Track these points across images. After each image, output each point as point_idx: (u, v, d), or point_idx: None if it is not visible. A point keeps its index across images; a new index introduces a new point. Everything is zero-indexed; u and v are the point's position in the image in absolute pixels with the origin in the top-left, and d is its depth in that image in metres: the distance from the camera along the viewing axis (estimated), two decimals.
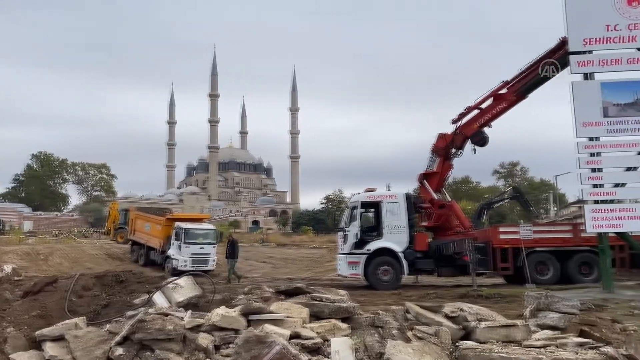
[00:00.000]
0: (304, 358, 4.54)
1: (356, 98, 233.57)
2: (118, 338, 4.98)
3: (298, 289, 6.58)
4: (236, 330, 5.19)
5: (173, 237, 24.86)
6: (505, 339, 5.28)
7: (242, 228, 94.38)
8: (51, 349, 5.18)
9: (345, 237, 17.98)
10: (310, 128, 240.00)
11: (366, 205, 18.51)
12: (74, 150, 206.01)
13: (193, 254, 24.05)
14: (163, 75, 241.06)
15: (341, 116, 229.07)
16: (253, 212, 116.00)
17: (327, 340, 5.03)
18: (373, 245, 17.52)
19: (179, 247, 24.23)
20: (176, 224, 25.27)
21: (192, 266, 23.04)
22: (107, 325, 5.62)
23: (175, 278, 7.09)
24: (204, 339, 5.00)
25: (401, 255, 17.32)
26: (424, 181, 20.13)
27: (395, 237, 17.58)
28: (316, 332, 5.18)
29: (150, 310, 5.54)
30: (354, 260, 17.45)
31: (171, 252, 24.63)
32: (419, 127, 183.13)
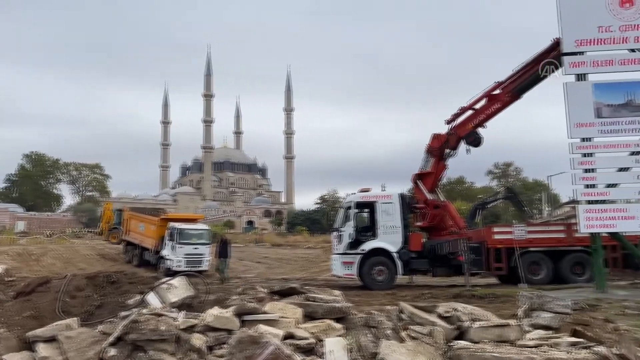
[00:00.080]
0: (298, 358, 4.53)
1: (352, 98, 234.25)
2: (111, 339, 4.95)
3: (292, 289, 6.57)
4: (230, 330, 5.17)
5: (167, 238, 24.80)
6: (498, 339, 5.29)
7: (237, 228, 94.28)
8: (43, 350, 5.15)
9: (339, 237, 17.99)
10: (306, 128, 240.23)
11: (361, 205, 18.54)
12: (67, 150, 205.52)
13: (187, 255, 24.00)
14: (158, 75, 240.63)
15: (337, 116, 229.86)
16: (247, 213, 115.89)
17: (321, 340, 5.03)
18: (368, 245, 17.55)
19: (173, 248, 24.17)
20: (170, 224, 25.21)
21: (186, 266, 22.98)
22: (100, 326, 5.59)
23: (168, 278, 7.06)
24: (198, 340, 4.98)
25: (396, 255, 17.36)
26: (419, 181, 20.18)
27: (389, 237, 17.62)
28: (310, 333, 5.17)
29: (143, 310, 5.51)
30: (349, 260, 17.48)
31: (165, 253, 24.56)
32: (415, 128, 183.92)
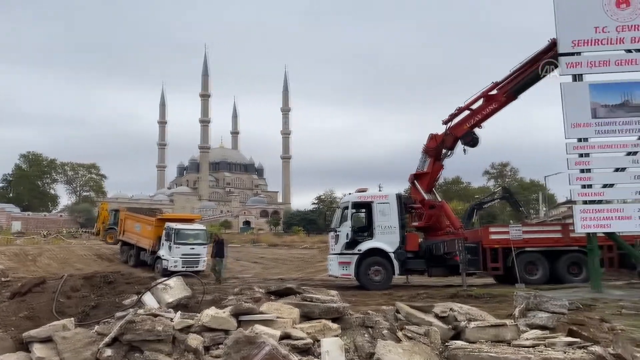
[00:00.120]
0: (294, 358, 4.53)
1: (350, 98, 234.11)
2: (107, 339, 4.93)
3: (289, 290, 6.56)
4: (226, 331, 5.16)
5: (163, 238, 24.76)
6: (494, 339, 5.31)
7: (234, 228, 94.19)
8: (39, 351, 5.12)
9: (336, 238, 18.00)
10: (303, 128, 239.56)
11: (357, 205, 18.55)
12: (63, 150, 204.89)
13: (183, 255, 23.98)
14: (155, 75, 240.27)
15: (334, 116, 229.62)
16: (244, 213, 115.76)
17: (318, 340, 5.02)
18: (364, 245, 17.55)
19: (170, 248, 24.13)
20: (167, 225, 25.17)
21: (183, 267, 22.97)
22: (96, 326, 5.57)
23: (165, 279, 7.05)
24: (194, 340, 4.97)
25: (392, 255, 17.37)
26: (415, 182, 20.19)
27: (386, 238, 17.62)
28: (306, 333, 5.17)
29: (139, 311, 5.49)
30: (346, 260, 17.47)
31: (161, 253, 24.52)
32: (414, 128, 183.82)
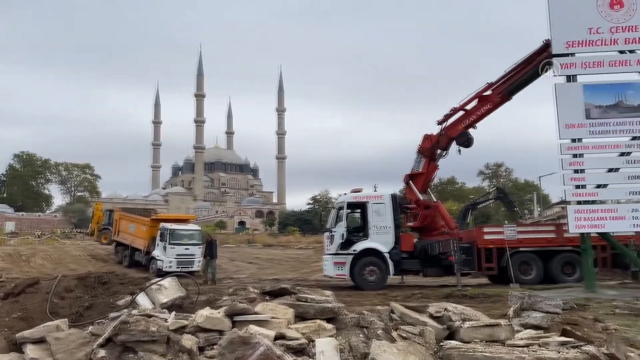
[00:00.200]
0: (289, 359, 4.52)
1: (345, 98, 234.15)
2: (100, 340, 4.91)
3: (283, 290, 6.56)
4: (221, 331, 5.15)
5: (158, 238, 24.67)
6: (489, 339, 5.32)
7: (229, 229, 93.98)
8: (32, 352, 5.10)
9: (331, 238, 18.00)
10: (298, 128, 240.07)
11: (352, 205, 18.56)
12: (57, 150, 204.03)
13: (178, 255, 23.91)
14: (149, 75, 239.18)
15: (329, 116, 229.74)
16: (239, 213, 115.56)
17: (312, 340, 5.02)
18: (359, 245, 17.56)
19: (164, 248, 24.06)
20: (161, 225, 25.09)
21: (177, 267, 22.91)
22: (90, 327, 5.55)
23: (159, 279, 7.02)
24: (188, 341, 4.96)
25: (387, 255, 17.38)
26: (410, 182, 20.21)
27: (381, 238, 17.64)
28: (301, 333, 5.16)
29: (133, 311, 5.47)
30: (340, 260, 17.48)
31: (156, 253, 24.43)
32: (410, 128, 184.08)
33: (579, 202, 15.29)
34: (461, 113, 19.52)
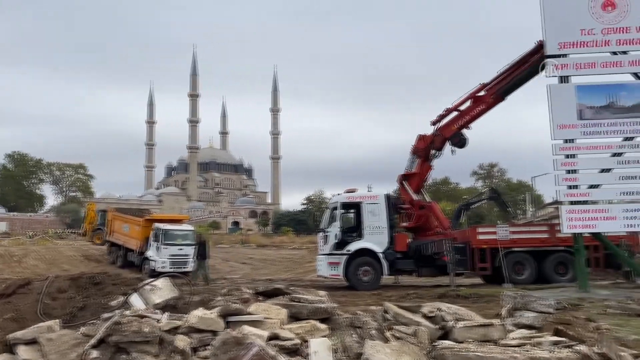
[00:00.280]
0: (282, 359, 4.52)
1: (340, 98, 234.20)
2: (93, 341, 4.88)
3: (277, 290, 6.55)
4: (214, 332, 5.13)
5: (152, 238, 24.58)
6: (482, 338, 5.33)
7: (222, 229, 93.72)
8: (24, 353, 5.07)
9: (325, 238, 18.01)
10: (293, 129, 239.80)
11: (347, 206, 18.57)
12: (50, 150, 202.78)
13: (172, 255, 23.81)
14: (143, 74, 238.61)
15: (324, 116, 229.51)
16: (233, 213, 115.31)
17: (306, 341, 5.01)
18: (353, 245, 17.58)
19: (158, 249, 23.96)
20: (155, 225, 24.99)
21: (171, 268, 22.78)
22: (82, 327, 5.52)
23: (152, 279, 7.00)
24: (182, 341, 4.94)
25: (381, 255, 17.41)
26: (404, 182, 20.27)
27: (375, 238, 17.66)
28: (295, 333, 5.16)
29: (126, 312, 5.45)
30: (335, 260, 17.49)
31: (149, 254, 24.34)
32: (404, 128, 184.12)
33: (572, 203, 15.37)
34: (455, 113, 19.60)
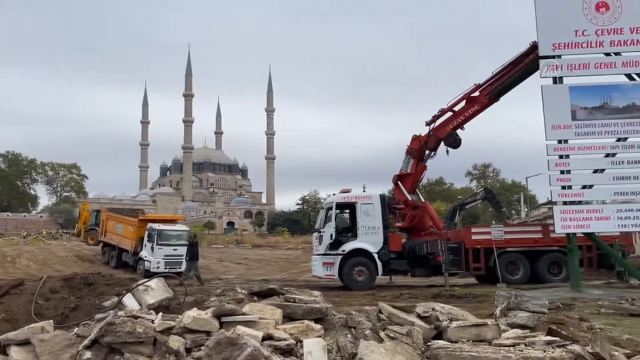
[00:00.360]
0: (276, 359, 4.51)
1: (333, 99, 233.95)
2: (86, 342, 4.86)
3: (271, 290, 6.54)
4: (208, 332, 5.12)
5: (146, 239, 24.50)
6: (476, 338, 5.35)
7: (217, 229, 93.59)
8: (16, 354, 5.03)
9: (320, 238, 17.99)
10: (287, 129, 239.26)
11: (341, 206, 18.57)
12: (43, 150, 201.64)
13: (166, 256, 23.73)
14: (137, 74, 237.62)
15: (318, 117, 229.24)
16: (228, 213, 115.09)
17: (300, 341, 5.01)
18: (348, 246, 17.58)
19: (152, 249, 23.89)
20: (149, 225, 24.92)
21: (165, 268, 22.74)
22: (75, 328, 5.50)
23: (145, 280, 6.97)
24: (175, 342, 4.92)
25: (376, 255, 17.42)
26: (399, 182, 20.28)
27: (370, 238, 17.67)
28: (289, 334, 5.15)
29: (119, 312, 5.42)
30: (329, 261, 17.48)
31: (144, 254, 24.26)
32: (396, 129, 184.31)
33: (565, 203, 15.44)
34: (449, 114, 19.63)
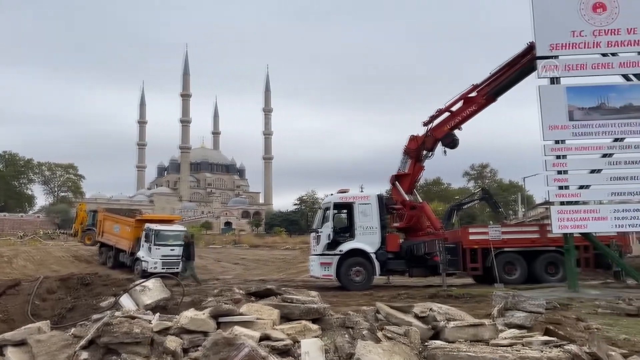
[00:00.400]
0: None
1: (332, 99, 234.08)
2: (83, 342, 4.85)
3: (269, 291, 6.53)
4: (205, 332, 5.11)
5: (143, 239, 24.46)
6: (473, 338, 5.35)
7: (215, 229, 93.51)
8: (13, 354, 5.02)
9: (318, 238, 18.00)
10: (285, 129, 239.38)
11: (339, 206, 18.58)
12: (40, 150, 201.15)
13: (163, 256, 23.70)
14: (137, 74, 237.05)
15: (316, 117, 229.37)
16: (225, 214, 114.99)
17: (298, 341, 5.01)
18: (345, 246, 17.58)
19: (149, 249, 23.86)
20: (146, 226, 24.88)
21: (162, 268, 22.70)
22: (72, 329, 5.48)
23: (143, 280, 6.96)
24: (172, 342, 4.91)
25: (373, 256, 17.43)
26: (396, 182, 20.29)
27: (367, 238, 17.68)
28: (286, 334, 5.15)
29: (116, 313, 5.41)
30: (327, 261, 17.48)
31: (141, 254, 24.22)
32: (393, 129, 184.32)
33: (562, 203, 15.47)
34: (447, 114, 19.64)
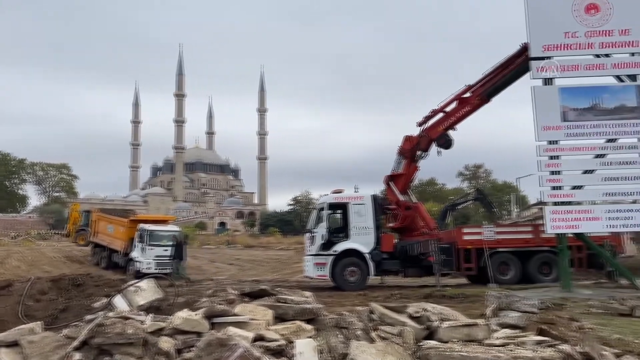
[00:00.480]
0: None
1: (326, 99, 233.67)
2: (76, 343, 4.83)
3: (263, 291, 6.53)
4: (199, 333, 5.10)
5: (137, 239, 24.38)
6: (467, 338, 5.36)
7: (209, 230, 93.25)
8: (5, 355, 4.99)
9: (312, 239, 18.00)
10: (280, 129, 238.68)
11: (333, 206, 18.57)
12: (33, 149, 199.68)
13: (157, 257, 23.62)
14: (128, 74, 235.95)
15: (310, 117, 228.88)
16: (220, 214, 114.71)
17: (291, 342, 5.00)
18: (340, 246, 17.59)
19: (143, 250, 23.76)
20: (140, 226, 24.79)
21: (156, 269, 22.61)
22: (65, 330, 5.45)
23: (136, 281, 6.93)
24: (166, 343, 4.90)
25: (368, 256, 17.45)
26: (391, 183, 20.32)
27: (362, 239, 17.70)
28: (280, 334, 5.15)
29: (109, 314, 5.39)
30: (321, 261, 17.49)
31: (134, 255, 24.13)
32: (388, 129, 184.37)
33: (556, 203, 15.54)
34: (441, 115, 19.68)
